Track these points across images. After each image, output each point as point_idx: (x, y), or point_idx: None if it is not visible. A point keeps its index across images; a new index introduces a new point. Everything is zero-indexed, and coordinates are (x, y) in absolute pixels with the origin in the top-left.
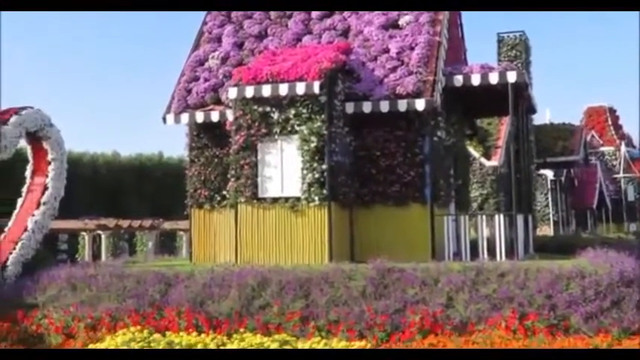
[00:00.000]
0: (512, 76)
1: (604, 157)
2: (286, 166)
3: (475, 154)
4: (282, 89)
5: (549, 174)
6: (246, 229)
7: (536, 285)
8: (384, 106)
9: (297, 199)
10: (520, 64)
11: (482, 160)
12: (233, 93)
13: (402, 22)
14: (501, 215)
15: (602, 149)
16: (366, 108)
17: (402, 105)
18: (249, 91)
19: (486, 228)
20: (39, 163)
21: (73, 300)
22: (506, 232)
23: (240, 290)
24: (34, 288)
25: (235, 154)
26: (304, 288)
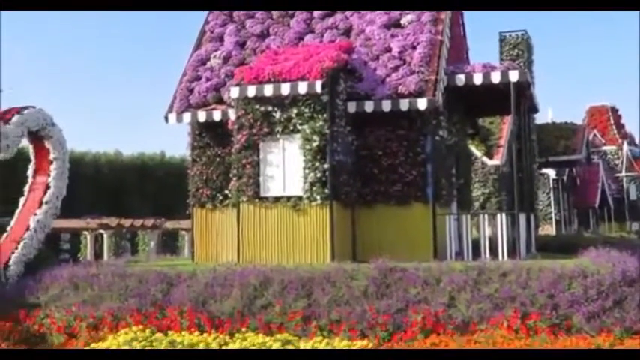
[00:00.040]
0: (514, 76)
1: (606, 157)
2: (288, 166)
3: (477, 153)
4: (284, 88)
5: (551, 173)
6: (248, 228)
7: (539, 284)
8: (386, 106)
9: (299, 198)
10: (522, 63)
11: (485, 160)
12: (235, 92)
13: (404, 21)
14: (503, 214)
15: (605, 148)
16: (368, 107)
17: (404, 104)
18: (251, 91)
19: (488, 227)
20: (41, 162)
21: (75, 299)
22: (509, 231)
23: (243, 289)
24: (36, 287)
25: (237, 153)
26: (306, 287)
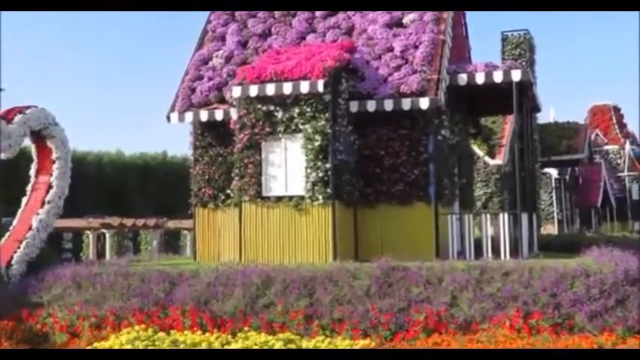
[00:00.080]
0: (516, 75)
1: (608, 156)
2: (290, 165)
3: (479, 152)
4: (286, 88)
5: (553, 172)
6: (251, 227)
7: (541, 284)
8: (388, 105)
9: (301, 197)
10: (524, 62)
11: (487, 159)
12: (237, 92)
13: (406, 20)
14: (505, 214)
15: (607, 148)
16: (370, 107)
17: (406, 104)
18: (253, 90)
19: (490, 227)
20: (43, 161)
21: (77, 299)
22: (511, 230)
23: (245, 289)
24: (38, 287)
25: (239, 152)
26: (308, 287)
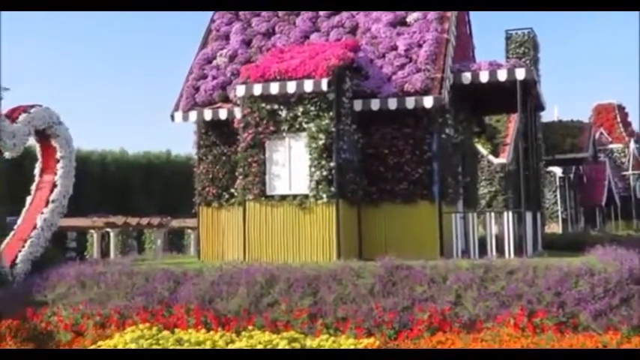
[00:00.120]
0: (520, 73)
1: (613, 154)
2: (294, 164)
3: (483, 151)
4: (290, 87)
5: (558, 171)
6: (254, 226)
7: (545, 282)
8: (392, 104)
9: (305, 196)
10: (528, 61)
11: (491, 158)
12: (241, 91)
13: (409, 19)
14: (510, 212)
15: (611, 146)
16: (374, 105)
17: (410, 102)
18: (257, 89)
19: (495, 225)
20: (48, 161)
21: (82, 297)
22: (515, 229)
23: (249, 288)
24: (43, 286)
25: (243, 151)
26: (312, 285)
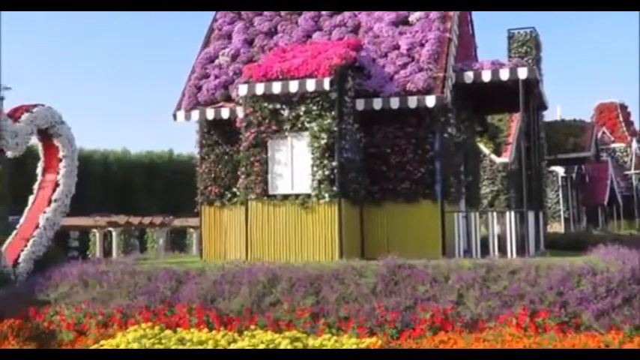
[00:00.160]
0: (522, 73)
1: (615, 154)
2: (296, 163)
3: (485, 150)
4: (293, 86)
5: (560, 171)
6: (257, 226)
7: (547, 282)
8: (394, 103)
9: (308, 196)
10: (531, 60)
11: (493, 157)
12: (243, 90)
13: (412, 18)
14: (512, 212)
15: (614, 146)
16: (377, 105)
17: (413, 102)
18: (259, 88)
19: (497, 225)
20: (50, 160)
21: (84, 297)
22: (517, 228)
23: (251, 287)
24: (45, 285)
25: (245, 151)
26: (315, 285)
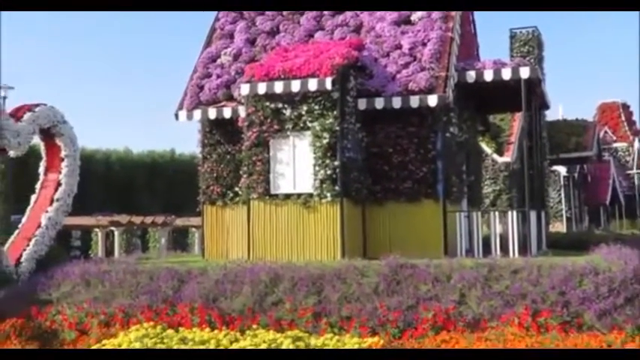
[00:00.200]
0: (524, 72)
1: (617, 153)
2: (298, 163)
3: (487, 150)
4: (295, 85)
5: (562, 170)
6: (259, 225)
7: (549, 282)
8: (396, 102)
9: (310, 195)
10: (533, 59)
11: (495, 157)
12: (245, 89)
13: (414, 18)
14: (514, 211)
15: (616, 145)
16: (379, 104)
17: (415, 101)
18: (261, 88)
19: (499, 224)
20: (52, 159)
21: (86, 296)
22: (519, 228)
23: (253, 286)
24: (47, 284)
25: (247, 150)
26: (317, 284)
